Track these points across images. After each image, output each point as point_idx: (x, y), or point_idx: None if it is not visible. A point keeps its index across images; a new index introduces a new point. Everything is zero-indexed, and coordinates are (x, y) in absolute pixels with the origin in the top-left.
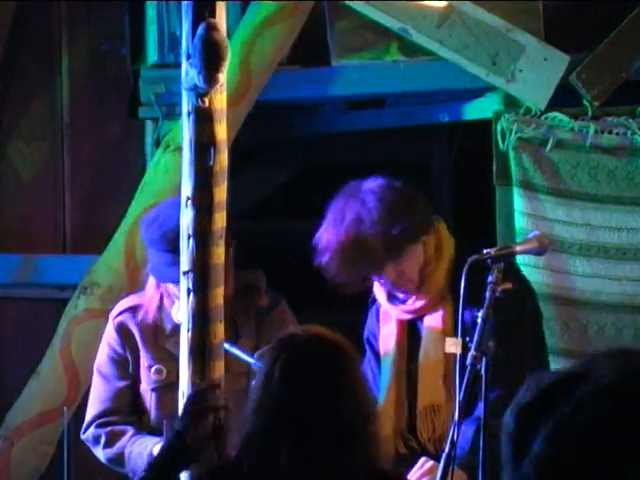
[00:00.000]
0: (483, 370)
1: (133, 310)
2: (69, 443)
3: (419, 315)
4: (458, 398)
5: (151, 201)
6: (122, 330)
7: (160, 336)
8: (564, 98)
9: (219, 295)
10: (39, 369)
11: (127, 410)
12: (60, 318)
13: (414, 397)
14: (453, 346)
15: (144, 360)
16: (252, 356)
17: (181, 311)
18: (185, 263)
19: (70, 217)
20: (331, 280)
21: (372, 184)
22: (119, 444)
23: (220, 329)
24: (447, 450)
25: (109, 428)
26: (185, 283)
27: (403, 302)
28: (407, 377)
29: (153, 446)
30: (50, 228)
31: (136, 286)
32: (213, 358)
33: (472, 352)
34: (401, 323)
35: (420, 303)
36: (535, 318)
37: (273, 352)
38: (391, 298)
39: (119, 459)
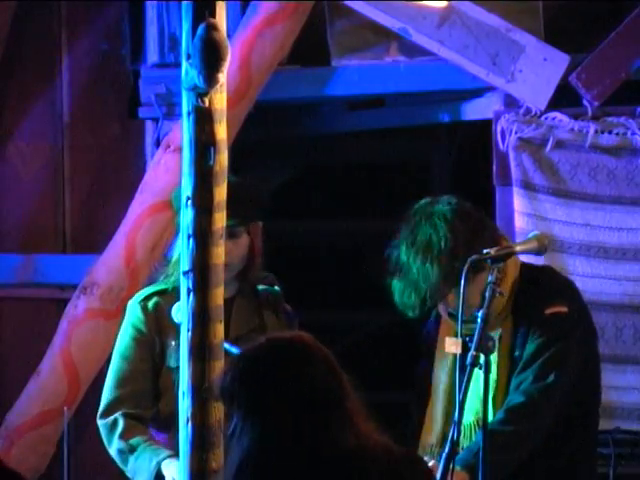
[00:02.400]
0: (483, 370)
1: (160, 294)
2: (69, 443)
3: None
4: (458, 398)
5: (151, 201)
6: (146, 310)
7: None
8: (564, 98)
9: (219, 295)
10: (39, 369)
11: (148, 395)
12: (60, 318)
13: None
14: (453, 346)
15: (172, 339)
16: None
17: (181, 311)
18: (185, 263)
19: (70, 217)
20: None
21: (444, 208)
22: (133, 441)
23: (220, 329)
24: (447, 450)
25: (128, 420)
26: (185, 283)
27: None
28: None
29: (158, 464)
30: (50, 228)
31: (136, 286)
32: (213, 358)
33: (472, 352)
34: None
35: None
36: (583, 341)
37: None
38: (451, 315)
39: (125, 457)
